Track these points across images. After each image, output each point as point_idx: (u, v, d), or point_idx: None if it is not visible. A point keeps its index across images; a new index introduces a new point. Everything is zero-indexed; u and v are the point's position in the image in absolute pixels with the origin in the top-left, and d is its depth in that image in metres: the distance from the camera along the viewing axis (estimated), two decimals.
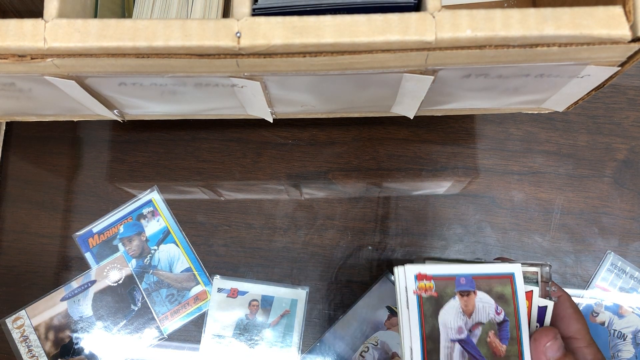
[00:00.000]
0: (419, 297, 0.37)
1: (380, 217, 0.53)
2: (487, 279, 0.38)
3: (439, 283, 0.38)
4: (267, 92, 0.39)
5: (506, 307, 0.38)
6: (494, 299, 0.38)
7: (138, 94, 0.39)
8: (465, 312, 0.38)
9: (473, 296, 0.38)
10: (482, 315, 0.38)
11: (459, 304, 0.38)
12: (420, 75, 0.35)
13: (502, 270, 0.38)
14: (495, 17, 0.31)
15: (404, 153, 0.54)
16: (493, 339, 0.37)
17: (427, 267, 0.38)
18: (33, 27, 0.31)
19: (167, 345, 0.51)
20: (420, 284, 0.37)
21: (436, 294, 0.37)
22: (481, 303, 0.37)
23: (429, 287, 0.37)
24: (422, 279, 0.37)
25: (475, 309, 0.38)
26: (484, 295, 0.38)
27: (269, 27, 0.31)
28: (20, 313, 0.52)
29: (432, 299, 0.37)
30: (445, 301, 0.37)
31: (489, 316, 0.38)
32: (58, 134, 0.56)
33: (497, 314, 0.38)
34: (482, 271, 0.38)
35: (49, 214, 0.54)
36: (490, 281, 0.38)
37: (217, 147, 0.55)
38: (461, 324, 0.37)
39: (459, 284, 0.38)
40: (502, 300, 0.38)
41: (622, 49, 0.32)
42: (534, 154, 0.54)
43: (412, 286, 0.37)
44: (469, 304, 0.38)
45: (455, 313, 0.37)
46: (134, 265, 0.53)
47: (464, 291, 0.38)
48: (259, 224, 0.53)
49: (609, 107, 0.55)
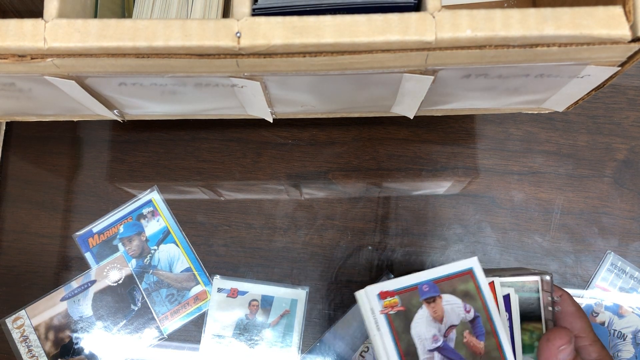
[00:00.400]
0: (387, 316, 0.37)
1: (380, 217, 0.53)
2: (448, 280, 0.37)
3: (403, 296, 0.37)
4: (267, 92, 0.39)
5: (474, 303, 0.37)
6: (460, 297, 0.37)
7: (138, 94, 0.39)
8: (435, 319, 0.37)
9: (439, 300, 0.37)
10: (453, 317, 0.37)
11: (428, 312, 0.37)
12: (420, 75, 0.35)
13: (460, 267, 0.38)
14: (495, 17, 0.31)
15: (404, 153, 0.54)
16: (469, 338, 0.37)
17: (387, 283, 0.37)
18: (33, 27, 0.31)
19: (167, 345, 0.51)
20: (385, 302, 0.37)
21: (403, 308, 0.37)
22: (449, 305, 0.37)
23: (395, 303, 0.37)
24: (385, 297, 0.37)
25: (444, 313, 0.37)
26: (449, 296, 0.37)
27: (269, 27, 0.31)
28: (20, 313, 0.52)
29: (400, 314, 0.37)
30: (413, 313, 0.37)
31: (460, 316, 0.37)
32: (58, 134, 0.56)
33: (466, 312, 0.37)
34: (442, 273, 0.38)
35: (49, 214, 0.54)
36: (452, 281, 0.37)
37: (217, 147, 0.55)
38: (435, 331, 0.37)
39: (423, 292, 0.37)
40: (468, 297, 0.37)
41: (622, 49, 0.32)
42: (534, 154, 0.54)
43: (377, 307, 0.37)
44: (437, 309, 0.37)
45: (427, 322, 0.37)
46: (134, 265, 0.53)
47: (429, 298, 0.37)
48: (259, 224, 0.53)
49: (609, 107, 0.55)
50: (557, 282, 0.51)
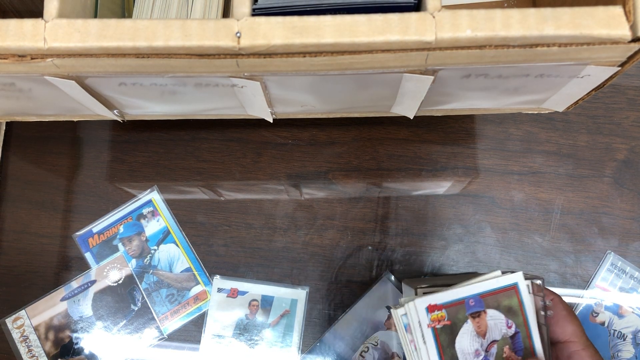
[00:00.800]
0: (434, 330, 0.37)
1: (380, 217, 0.53)
2: (493, 294, 0.38)
3: (450, 310, 0.38)
4: (267, 92, 0.39)
5: (515, 319, 0.38)
6: (503, 313, 0.38)
7: (138, 94, 0.39)
8: (479, 334, 0.38)
9: (484, 316, 0.38)
10: (495, 332, 0.38)
11: (472, 327, 0.38)
12: (420, 75, 0.35)
13: (505, 282, 0.38)
14: (495, 17, 0.31)
15: (404, 153, 0.54)
16: (509, 354, 0.38)
17: (435, 296, 0.38)
18: (33, 27, 0.31)
19: (167, 345, 0.51)
20: (432, 316, 0.37)
21: (449, 322, 0.37)
22: (492, 320, 0.38)
23: (442, 317, 0.37)
24: (433, 310, 0.37)
25: (488, 328, 0.38)
26: (493, 312, 0.38)
27: (269, 27, 0.31)
28: (20, 313, 0.52)
29: (446, 328, 0.37)
30: (459, 327, 0.38)
31: (502, 332, 0.38)
32: (58, 134, 0.56)
33: (508, 327, 0.38)
34: (488, 288, 0.38)
35: (49, 214, 0.54)
36: (497, 296, 0.38)
37: (217, 147, 0.55)
38: (477, 346, 0.38)
39: (469, 307, 0.38)
40: (510, 313, 0.38)
41: (622, 49, 0.32)
42: (534, 154, 0.54)
43: (425, 320, 0.37)
44: (481, 324, 0.38)
45: (470, 337, 0.38)
46: (134, 265, 0.53)
47: (475, 313, 0.38)
48: (259, 224, 0.53)
49: (609, 107, 0.55)
50: (557, 282, 0.51)
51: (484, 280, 0.38)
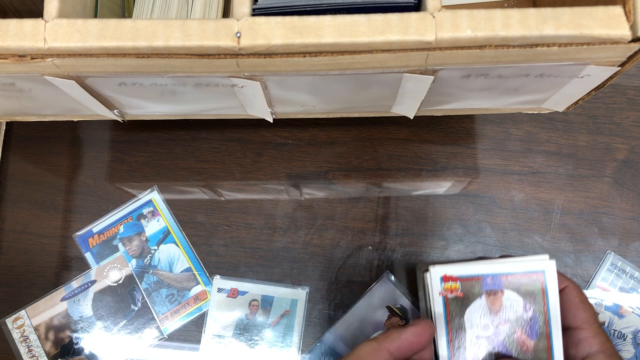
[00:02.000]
0: (444, 298, 0.38)
1: (380, 217, 0.53)
2: (515, 277, 0.38)
3: (465, 284, 0.38)
4: (267, 92, 0.39)
5: (535, 305, 0.38)
6: (522, 296, 0.38)
7: (138, 94, 0.39)
8: (491, 311, 0.38)
9: (500, 295, 0.38)
10: (510, 312, 0.38)
11: (485, 303, 0.38)
12: (420, 75, 0.35)
13: (532, 268, 0.38)
14: (495, 17, 0.31)
15: (404, 153, 0.54)
16: (520, 335, 0.38)
17: (454, 267, 0.38)
18: (33, 27, 0.31)
19: (167, 345, 0.51)
20: (445, 286, 0.38)
21: (462, 294, 0.38)
22: (508, 301, 0.38)
23: (455, 288, 0.38)
24: (447, 281, 0.38)
25: (502, 307, 0.38)
26: (511, 293, 0.38)
27: (269, 27, 0.31)
28: (20, 313, 0.52)
29: (457, 300, 0.38)
30: (471, 301, 0.38)
31: (517, 313, 0.38)
32: (58, 134, 0.56)
33: (525, 310, 0.38)
34: (511, 270, 0.38)
35: (49, 214, 0.54)
36: (520, 279, 0.38)
37: (217, 147, 0.55)
38: (487, 321, 0.38)
39: (486, 284, 0.38)
40: (530, 297, 0.38)
41: (622, 49, 0.32)
42: (534, 154, 0.54)
43: (437, 288, 0.38)
44: (495, 302, 0.38)
45: (482, 311, 0.38)
46: (134, 265, 0.53)
47: (490, 290, 0.38)
48: (259, 224, 0.53)
49: (609, 107, 0.55)
50: None
51: (510, 262, 0.38)
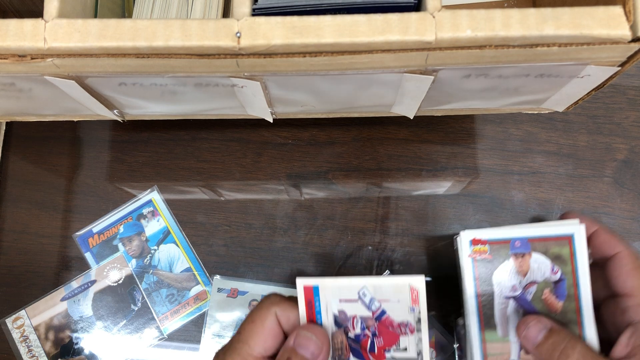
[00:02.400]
0: (473, 260, 0.40)
1: (380, 217, 0.53)
2: (543, 240, 0.39)
3: (493, 247, 0.39)
4: (267, 92, 0.39)
5: (563, 267, 0.39)
6: (550, 259, 0.39)
7: (138, 94, 0.39)
8: (519, 272, 0.39)
9: (528, 257, 0.39)
10: (537, 274, 0.39)
11: (513, 265, 0.39)
12: (420, 75, 0.35)
13: (560, 232, 0.39)
14: (495, 17, 0.31)
15: (404, 153, 0.54)
16: (548, 296, 0.39)
17: (483, 232, 0.40)
18: (33, 27, 0.31)
19: (167, 345, 0.51)
20: (475, 248, 0.39)
21: (490, 257, 0.39)
22: (536, 264, 0.39)
23: (483, 251, 0.39)
24: (477, 244, 0.39)
25: (529, 269, 0.39)
26: (539, 256, 0.39)
27: (269, 27, 0.31)
28: (20, 313, 0.52)
29: (485, 261, 0.39)
30: (499, 263, 0.39)
31: (544, 275, 0.39)
32: (58, 134, 0.56)
33: (553, 273, 0.39)
34: (539, 234, 0.39)
35: (49, 214, 0.54)
36: (547, 243, 0.39)
37: (217, 147, 0.55)
38: (515, 282, 0.39)
39: (514, 247, 0.39)
40: (559, 260, 0.39)
41: (622, 49, 0.32)
42: (534, 154, 0.54)
43: (467, 251, 0.40)
44: (523, 265, 0.39)
45: (509, 273, 0.39)
46: (134, 265, 0.53)
47: (518, 253, 0.39)
48: (259, 224, 0.53)
49: (609, 107, 0.55)
50: None
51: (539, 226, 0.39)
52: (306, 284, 0.34)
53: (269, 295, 0.35)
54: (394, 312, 0.34)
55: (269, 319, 0.34)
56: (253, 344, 0.33)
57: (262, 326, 0.34)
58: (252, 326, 0.34)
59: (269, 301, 0.35)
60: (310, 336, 0.33)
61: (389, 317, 0.35)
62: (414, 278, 0.35)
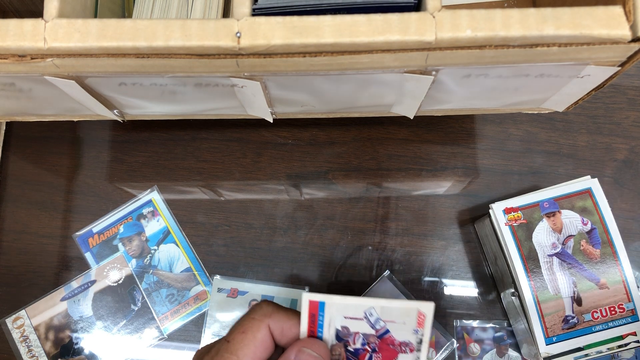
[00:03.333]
0: (511, 227, 0.44)
1: (380, 217, 0.53)
2: (567, 198, 0.44)
3: (525, 211, 0.44)
4: (267, 92, 0.39)
5: (591, 217, 0.44)
6: (577, 212, 0.44)
7: (138, 94, 0.39)
8: (555, 230, 0.44)
9: (559, 215, 0.44)
10: (571, 228, 0.44)
11: (548, 224, 0.44)
12: (420, 75, 0.35)
13: (579, 187, 0.44)
14: (495, 17, 0.31)
15: (404, 153, 0.54)
16: (586, 246, 0.44)
17: (512, 201, 0.44)
18: (33, 27, 0.31)
19: (167, 345, 0.51)
20: (509, 216, 0.44)
21: (525, 221, 0.44)
22: (567, 219, 0.44)
23: (518, 217, 0.44)
24: (510, 212, 0.44)
25: (563, 225, 0.44)
26: (568, 212, 0.44)
27: (269, 27, 0.31)
28: (20, 313, 0.52)
29: (522, 226, 0.44)
30: (535, 225, 0.44)
31: (577, 228, 0.44)
32: (58, 134, 0.56)
33: (584, 224, 0.44)
34: (561, 192, 0.44)
35: (49, 214, 0.54)
36: (571, 199, 0.44)
37: (217, 147, 0.55)
38: (554, 240, 0.44)
39: (544, 208, 0.44)
40: (586, 212, 0.44)
41: (622, 49, 0.32)
42: (534, 154, 0.54)
43: (502, 220, 0.44)
44: (556, 222, 0.44)
45: (547, 232, 0.44)
46: (134, 265, 0.53)
47: (549, 213, 0.44)
48: (259, 224, 0.53)
49: (609, 107, 0.55)
50: None
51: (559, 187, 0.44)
52: (312, 299, 0.34)
53: (261, 304, 0.34)
54: (398, 332, 0.34)
55: (262, 331, 0.33)
56: (242, 356, 0.32)
57: (254, 338, 0.32)
58: (243, 337, 0.33)
59: (261, 312, 0.33)
60: (313, 354, 0.32)
61: (391, 336, 0.34)
62: (423, 304, 0.35)
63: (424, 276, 0.51)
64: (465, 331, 0.50)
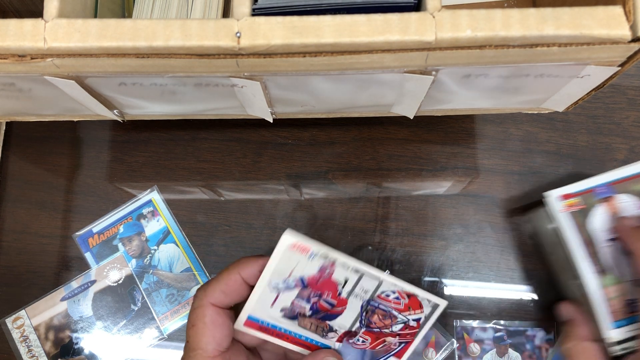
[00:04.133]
0: (570, 213, 0.44)
1: (380, 217, 0.53)
2: (622, 182, 0.44)
3: (582, 197, 0.44)
4: (267, 92, 0.39)
5: None
6: (635, 196, 0.44)
7: (138, 94, 0.39)
8: (613, 214, 0.44)
9: (615, 199, 0.44)
10: (628, 212, 0.44)
11: (605, 208, 0.44)
12: (420, 75, 0.35)
13: (631, 172, 0.44)
14: (495, 17, 0.31)
15: (404, 153, 0.54)
16: None
17: (567, 187, 0.44)
18: (33, 27, 0.31)
19: (167, 345, 0.51)
20: (567, 202, 0.44)
21: (584, 206, 0.44)
22: (623, 203, 0.44)
23: (575, 203, 0.44)
24: (567, 198, 0.44)
25: (619, 209, 0.44)
26: (624, 196, 0.44)
27: (269, 27, 0.31)
28: (20, 313, 0.52)
29: (581, 211, 0.44)
30: (592, 210, 0.44)
31: (634, 211, 0.44)
32: (58, 134, 0.56)
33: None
34: (616, 177, 0.44)
35: (49, 214, 0.54)
36: (625, 183, 0.44)
37: (217, 147, 0.55)
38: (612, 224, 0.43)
39: (600, 193, 0.44)
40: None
41: (622, 49, 0.32)
42: (534, 154, 0.54)
43: (559, 207, 0.44)
44: (613, 206, 0.44)
45: (604, 217, 0.44)
46: (134, 265, 0.53)
47: (605, 197, 0.44)
48: (259, 224, 0.53)
49: (609, 107, 0.55)
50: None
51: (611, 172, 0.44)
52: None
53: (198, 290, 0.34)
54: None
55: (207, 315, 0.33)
56: (204, 346, 0.32)
57: (204, 325, 0.33)
58: (195, 330, 0.33)
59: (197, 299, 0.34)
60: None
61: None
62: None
63: (424, 276, 0.51)
64: (465, 331, 0.50)
